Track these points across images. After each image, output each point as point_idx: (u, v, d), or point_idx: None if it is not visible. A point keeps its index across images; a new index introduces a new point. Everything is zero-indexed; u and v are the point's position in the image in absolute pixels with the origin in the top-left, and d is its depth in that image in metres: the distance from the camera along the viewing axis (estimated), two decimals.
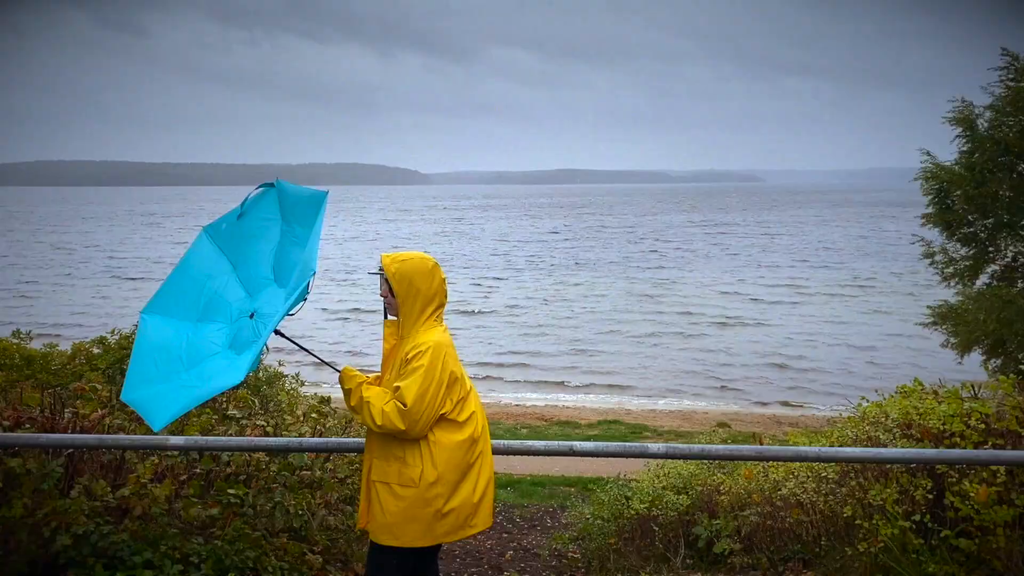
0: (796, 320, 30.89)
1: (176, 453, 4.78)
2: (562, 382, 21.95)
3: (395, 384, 3.40)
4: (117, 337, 10.75)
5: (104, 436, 4.18)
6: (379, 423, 3.33)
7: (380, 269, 3.56)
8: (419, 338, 3.43)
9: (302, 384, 9.67)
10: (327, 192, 3.46)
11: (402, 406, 3.31)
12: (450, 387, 3.42)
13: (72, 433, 4.50)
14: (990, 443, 4.41)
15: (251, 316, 3.38)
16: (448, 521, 3.44)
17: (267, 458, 4.96)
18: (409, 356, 3.40)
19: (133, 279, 44.95)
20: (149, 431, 4.88)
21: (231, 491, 4.73)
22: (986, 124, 12.96)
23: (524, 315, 32.21)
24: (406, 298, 3.47)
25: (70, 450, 4.46)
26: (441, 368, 3.37)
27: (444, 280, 3.57)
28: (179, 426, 5.00)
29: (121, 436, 4.33)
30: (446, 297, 3.57)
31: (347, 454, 5.50)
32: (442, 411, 3.40)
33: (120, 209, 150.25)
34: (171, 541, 4.30)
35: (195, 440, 3.92)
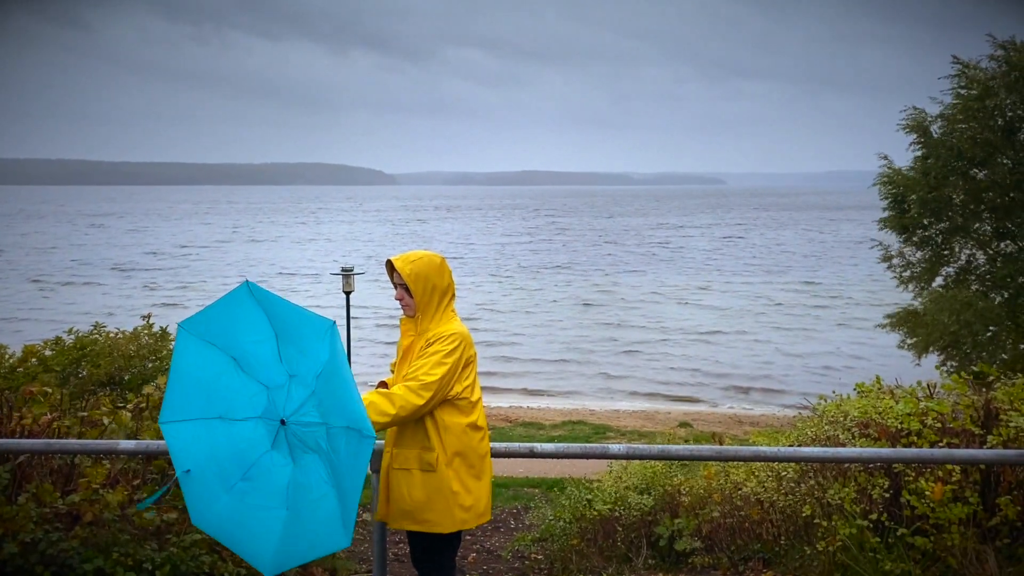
0: (756, 326, 31.17)
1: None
2: (523, 388, 21.90)
3: (414, 365, 3.56)
4: (73, 338, 10.49)
5: (52, 441, 4.07)
6: (395, 409, 3.39)
7: (392, 273, 3.72)
8: (440, 328, 3.63)
9: None
10: (333, 323, 3.13)
11: (413, 383, 3.45)
12: (462, 371, 3.60)
13: (19, 438, 4.37)
14: (945, 442, 4.47)
15: (282, 423, 3.02)
16: (465, 507, 3.60)
17: None
18: (431, 341, 3.59)
19: (61, 283, 43.96)
20: (101, 435, 4.78)
21: None
22: (939, 131, 13.25)
23: (474, 326, 31.65)
24: (423, 295, 3.65)
25: (18, 455, 4.33)
26: (460, 353, 3.57)
27: (451, 272, 3.77)
28: (134, 431, 4.89)
29: (70, 441, 4.22)
30: (455, 288, 3.79)
31: None
32: (450, 394, 3.56)
33: (70, 209, 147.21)
34: (123, 548, 4.19)
35: (147, 444, 3.82)
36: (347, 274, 14.61)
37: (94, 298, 38.83)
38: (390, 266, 3.71)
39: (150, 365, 10.06)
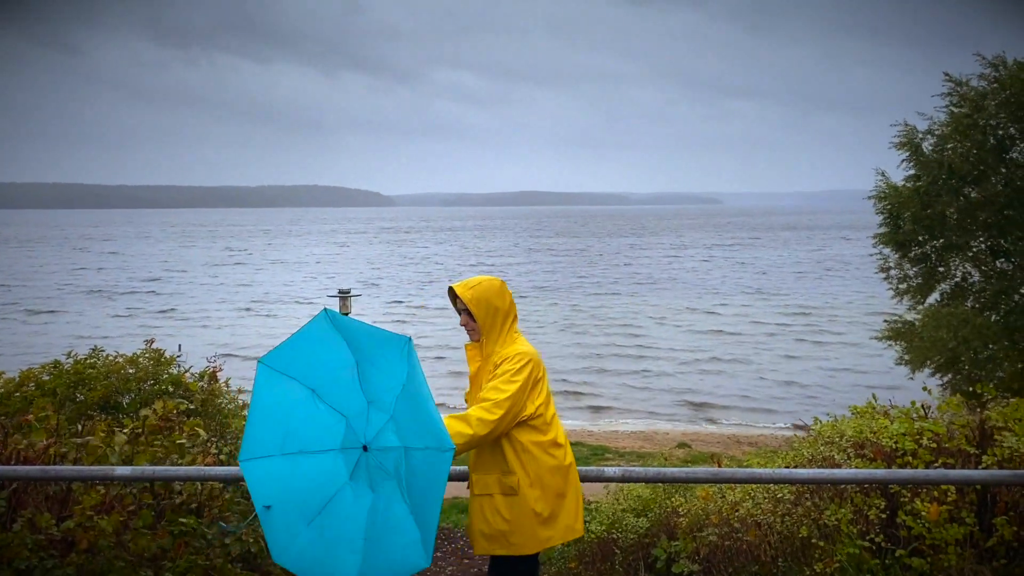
0: (751, 348, 31.09)
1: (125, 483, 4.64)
2: None
3: (485, 387, 3.64)
4: (72, 361, 10.44)
5: (47, 467, 4.05)
6: (472, 429, 3.44)
7: (455, 300, 3.84)
8: (506, 350, 3.72)
9: None
10: (409, 338, 3.18)
11: (486, 403, 3.53)
12: (532, 390, 3.67)
13: (14, 464, 4.36)
14: (940, 462, 4.47)
15: (364, 448, 3.01)
16: (549, 526, 3.65)
17: (221, 486, 4.85)
18: (498, 363, 3.69)
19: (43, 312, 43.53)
20: (97, 461, 4.76)
21: (183, 520, 4.61)
22: (930, 148, 13.32)
23: (454, 355, 28.99)
24: (486, 318, 3.75)
25: (12, 482, 4.32)
26: (529, 372, 3.64)
27: (512, 295, 3.88)
28: (129, 456, 4.87)
29: (65, 467, 4.21)
30: (516, 310, 3.88)
31: None
32: (524, 414, 3.62)
33: (59, 234, 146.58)
34: (119, 574, 4.18)
35: (142, 470, 3.82)
36: (344, 297, 14.62)
37: (66, 327, 38.34)
38: (452, 293, 3.82)
39: (147, 387, 10.01)
